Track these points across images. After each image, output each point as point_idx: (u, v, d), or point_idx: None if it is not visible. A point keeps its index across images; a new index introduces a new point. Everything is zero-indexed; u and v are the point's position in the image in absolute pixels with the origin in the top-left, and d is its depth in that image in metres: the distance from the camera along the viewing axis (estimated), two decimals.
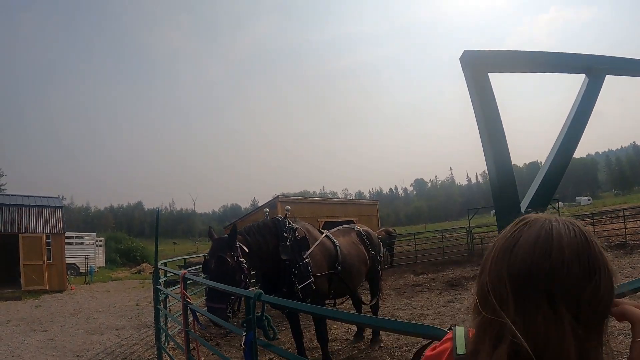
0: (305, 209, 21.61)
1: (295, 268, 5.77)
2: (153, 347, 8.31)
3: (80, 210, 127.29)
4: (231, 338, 8.82)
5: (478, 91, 1.45)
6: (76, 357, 8.30)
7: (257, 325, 2.72)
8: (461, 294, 11.88)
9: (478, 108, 1.44)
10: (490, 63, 1.57)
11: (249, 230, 5.77)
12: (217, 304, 4.90)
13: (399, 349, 7.21)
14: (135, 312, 13.62)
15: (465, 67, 1.49)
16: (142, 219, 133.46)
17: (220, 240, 5.36)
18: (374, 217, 29.34)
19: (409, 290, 13.75)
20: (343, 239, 7.02)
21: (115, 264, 39.97)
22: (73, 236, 31.41)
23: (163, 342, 7.20)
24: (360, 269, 7.12)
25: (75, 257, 29.04)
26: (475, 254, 21.64)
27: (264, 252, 5.69)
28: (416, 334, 1.67)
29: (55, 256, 21.24)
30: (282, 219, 6.15)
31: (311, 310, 2.81)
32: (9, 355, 8.46)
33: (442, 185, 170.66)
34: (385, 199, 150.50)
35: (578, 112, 1.64)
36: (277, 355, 7.46)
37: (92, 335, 10.30)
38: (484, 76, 1.49)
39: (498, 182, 1.37)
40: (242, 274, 5.23)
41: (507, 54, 1.69)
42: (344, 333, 8.62)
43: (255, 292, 2.75)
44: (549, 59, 1.76)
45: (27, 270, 19.99)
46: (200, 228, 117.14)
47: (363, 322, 2.87)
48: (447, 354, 1.28)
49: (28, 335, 10.43)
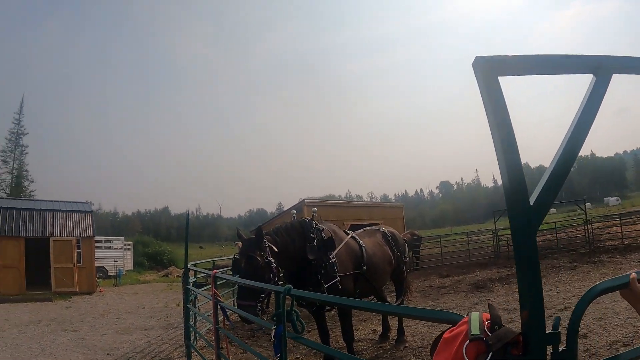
0: (330, 212, 21.66)
1: (322, 268, 5.88)
2: (181, 346, 8.48)
3: (108, 216, 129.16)
4: (258, 338, 8.96)
5: (489, 95, 1.53)
6: (106, 356, 8.49)
7: (287, 319, 2.83)
8: (487, 296, 11.83)
9: (490, 110, 1.52)
10: (500, 67, 1.64)
11: (277, 231, 5.91)
12: (247, 301, 5.04)
13: (423, 349, 7.24)
14: (164, 313, 13.86)
15: (477, 72, 1.57)
16: (169, 224, 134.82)
17: (249, 241, 5.51)
18: (399, 220, 29.23)
19: (434, 292, 13.72)
20: (368, 240, 7.10)
21: (143, 267, 40.55)
22: (102, 240, 32.01)
23: (192, 340, 7.36)
24: (385, 269, 7.18)
25: (104, 260, 29.57)
26: (502, 256, 21.49)
27: (291, 252, 5.82)
28: (435, 319, 1.77)
29: (85, 259, 21.73)
30: (309, 221, 6.28)
31: (339, 302, 2.91)
32: (40, 354, 8.69)
33: (468, 187, 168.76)
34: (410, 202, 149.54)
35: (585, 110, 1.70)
36: (303, 355, 7.62)
37: (122, 334, 10.52)
38: (495, 80, 1.57)
39: (509, 179, 1.45)
40: (271, 273, 5.37)
41: (516, 58, 1.75)
42: (369, 334, 8.69)
43: (286, 287, 2.86)
44: (556, 60, 1.82)
45: (58, 272, 20.50)
46: (227, 233, 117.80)
47: (386, 310, 2.97)
48: (463, 335, 1.39)
49: (59, 334, 10.67)
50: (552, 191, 1.53)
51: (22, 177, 60.51)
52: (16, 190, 56.25)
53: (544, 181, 1.54)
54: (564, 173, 1.57)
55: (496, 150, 1.52)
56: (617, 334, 6.51)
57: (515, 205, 1.46)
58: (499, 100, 1.56)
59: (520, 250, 1.44)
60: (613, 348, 5.87)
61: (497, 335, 1.36)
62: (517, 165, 1.49)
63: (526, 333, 1.41)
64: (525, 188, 1.48)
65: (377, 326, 8.82)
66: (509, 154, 1.50)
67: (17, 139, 61.59)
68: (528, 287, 1.42)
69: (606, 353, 5.75)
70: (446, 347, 1.42)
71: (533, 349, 1.39)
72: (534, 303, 1.41)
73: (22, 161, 61.55)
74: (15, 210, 21.58)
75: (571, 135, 1.64)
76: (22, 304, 16.64)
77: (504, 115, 1.54)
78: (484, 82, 1.56)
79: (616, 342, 6.17)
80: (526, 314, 1.42)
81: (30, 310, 15.19)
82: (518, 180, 1.48)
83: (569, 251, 19.15)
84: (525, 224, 1.45)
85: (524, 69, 1.89)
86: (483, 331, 1.37)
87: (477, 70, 1.58)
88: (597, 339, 6.41)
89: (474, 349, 1.34)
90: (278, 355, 2.87)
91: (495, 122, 1.53)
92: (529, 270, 1.42)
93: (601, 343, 6.19)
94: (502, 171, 1.50)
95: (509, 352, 1.35)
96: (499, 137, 1.51)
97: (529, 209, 1.47)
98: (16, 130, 61.80)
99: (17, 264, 20.02)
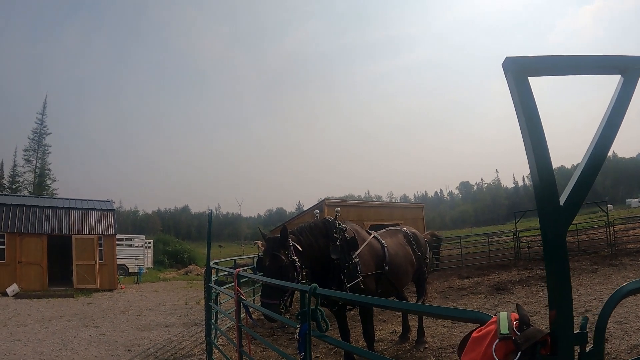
0: (351, 212, 21.64)
1: (345, 267, 5.89)
2: (202, 343, 8.55)
3: (129, 214, 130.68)
4: (277, 337, 9.00)
5: (520, 95, 1.53)
6: (127, 352, 8.59)
7: (312, 317, 2.84)
8: (507, 297, 11.72)
9: (520, 110, 1.52)
10: (530, 68, 1.64)
11: (301, 231, 5.93)
12: (271, 299, 5.06)
13: (443, 350, 7.21)
14: (184, 310, 13.98)
15: (507, 73, 1.57)
16: (189, 222, 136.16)
17: (274, 240, 5.52)
18: (419, 220, 29.12)
19: (454, 293, 13.63)
20: (390, 240, 7.09)
21: (163, 265, 40.93)
22: (123, 238, 32.39)
23: (213, 337, 7.42)
24: (407, 269, 7.16)
25: (125, 258, 29.93)
26: (522, 257, 21.25)
27: (315, 251, 5.83)
28: (463, 318, 1.76)
29: (106, 256, 22.04)
30: (332, 220, 6.29)
31: (365, 301, 2.91)
32: (62, 348, 8.80)
33: (488, 188, 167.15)
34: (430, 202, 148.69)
35: (613, 111, 1.70)
36: (323, 354, 7.64)
37: (143, 331, 10.64)
38: (525, 80, 1.57)
39: (539, 178, 1.44)
40: (295, 272, 5.39)
41: (545, 59, 1.75)
42: (389, 334, 8.67)
43: (312, 286, 2.87)
44: (585, 61, 1.81)
45: (80, 269, 20.87)
46: (246, 232, 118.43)
47: (412, 309, 2.97)
48: (492, 334, 1.39)
49: (80, 330, 10.83)
50: (582, 191, 1.53)
51: (44, 176, 61.77)
52: (39, 189, 57.37)
53: (574, 181, 1.54)
54: (594, 173, 1.56)
55: (526, 149, 1.52)
56: (639, 337, 6.41)
57: (545, 205, 1.45)
58: (529, 100, 1.55)
59: (550, 249, 1.44)
60: (634, 352, 5.78)
61: (526, 334, 1.36)
62: (548, 165, 1.49)
63: (554, 333, 1.40)
64: (556, 188, 1.48)
65: (397, 327, 8.80)
66: (539, 154, 1.49)
67: (40, 139, 62.96)
68: (557, 286, 1.41)
69: (627, 357, 5.68)
70: (475, 346, 1.42)
71: (561, 349, 1.38)
72: (562, 303, 1.40)
73: (44, 160, 62.97)
74: (39, 208, 22.00)
75: (600, 135, 1.64)
76: (44, 300, 16.93)
77: (534, 115, 1.54)
78: (515, 82, 1.56)
79: (637, 346, 6.08)
80: (554, 314, 1.41)
81: (52, 306, 15.45)
82: (548, 180, 1.47)
83: (590, 254, 18.86)
84: (555, 223, 1.44)
85: (553, 69, 1.88)
86: (512, 330, 1.37)
87: (507, 70, 1.58)
88: (618, 343, 6.31)
89: (503, 348, 1.34)
90: (302, 353, 2.88)
91: (525, 122, 1.52)
92: (559, 270, 1.42)
93: (622, 347, 6.10)
94: (532, 171, 1.50)
95: (538, 352, 1.35)
96: (529, 137, 1.50)
97: (559, 208, 1.47)
98: (39, 130, 63.21)
99: (39, 260, 20.41)
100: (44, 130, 63.66)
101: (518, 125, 1.56)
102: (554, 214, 1.45)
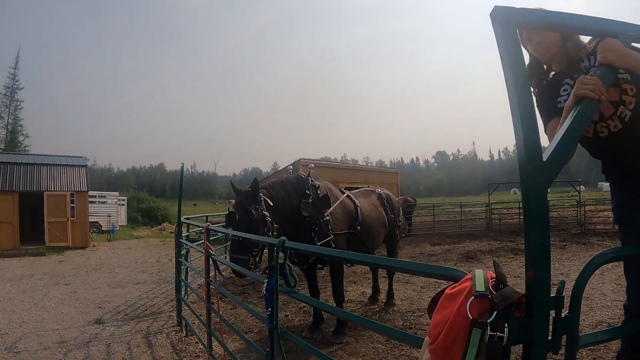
0: (326, 173, 21.55)
1: (316, 225, 5.85)
2: (172, 300, 8.53)
3: (103, 171, 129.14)
4: (248, 294, 9.01)
5: (507, 45, 1.46)
6: (98, 309, 8.52)
7: (280, 272, 2.78)
8: (476, 266, 11.90)
9: (506, 61, 1.45)
10: (520, 19, 1.57)
11: (273, 185, 5.84)
12: (240, 255, 4.99)
13: (411, 313, 7.31)
14: (156, 268, 13.91)
15: (495, 22, 1.49)
16: (164, 181, 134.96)
17: (245, 193, 5.42)
18: (394, 186, 29.32)
19: (425, 259, 13.84)
20: (364, 200, 7.06)
21: (137, 222, 40.51)
22: (96, 195, 31.84)
23: (183, 294, 7.38)
24: (379, 230, 7.16)
25: (98, 215, 29.52)
26: (493, 229, 21.63)
27: (286, 207, 5.77)
28: (436, 275, 1.71)
29: (78, 214, 21.63)
30: (305, 177, 6.21)
31: (332, 254, 2.86)
32: (33, 307, 8.71)
33: (464, 159, 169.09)
34: (406, 169, 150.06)
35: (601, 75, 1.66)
36: (292, 313, 7.68)
37: (114, 288, 10.57)
38: (513, 31, 1.50)
39: (523, 132, 1.38)
40: (266, 227, 5.32)
41: (538, 13, 1.68)
42: (359, 295, 8.76)
43: (280, 239, 2.80)
44: (578, 20, 1.75)
45: (51, 227, 20.45)
46: (221, 191, 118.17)
47: (384, 264, 2.92)
48: (467, 291, 1.33)
49: (52, 288, 10.71)
50: (566, 147, 1.47)
51: (17, 132, 60.19)
52: (11, 146, 55.92)
53: (559, 137, 1.48)
54: (579, 129, 1.51)
55: (510, 102, 1.45)
56: (603, 314, 6.57)
57: (527, 160, 1.39)
58: (517, 51, 1.48)
59: (530, 207, 1.38)
60: (598, 328, 5.91)
61: (502, 293, 1.30)
62: (532, 119, 1.42)
63: (530, 294, 1.35)
64: (539, 143, 1.41)
65: (367, 288, 8.89)
66: (523, 107, 1.42)
67: (12, 94, 60.96)
68: (535, 246, 1.36)
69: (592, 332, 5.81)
70: (448, 302, 1.37)
71: (537, 312, 1.33)
72: (540, 263, 1.35)
73: (17, 116, 61.10)
74: (9, 164, 21.32)
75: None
76: (16, 259, 16.65)
77: (520, 67, 1.47)
78: (502, 32, 1.49)
79: (601, 322, 6.24)
80: (531, 274, 1.36)
81: (24, 264, 15.21)
82: (531, 134, 1.41)
83: (560, 230, 19.22)
84: (537, 179, 1.38)
85: (544, 24, 1.81)
86: (488, 289, 1.31)
87: (495, 20, 1.50)
88: (583, 318, 6.45)
89: (478, 306, 1.29)
90: (269, 309, 2.83)
91: (511, 73, 1.45)
92: (538, 228, 1.36)
93: (587, 322, 6.24)
94: (515, 125, 1.43)
95: (512, 313, 1.30)
96: (514, 89, 1.43)
97: (542, 164, 1.40)
98: (11, 85, 61.11)
99: (10, 219, 19.91)
100: (17, 85, 61.70)
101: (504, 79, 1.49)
102: (536, 169, 1.38)
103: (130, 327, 7.27)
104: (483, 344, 1.25)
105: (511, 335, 1.27)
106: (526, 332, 1.34)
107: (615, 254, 1.55)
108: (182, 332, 6.85)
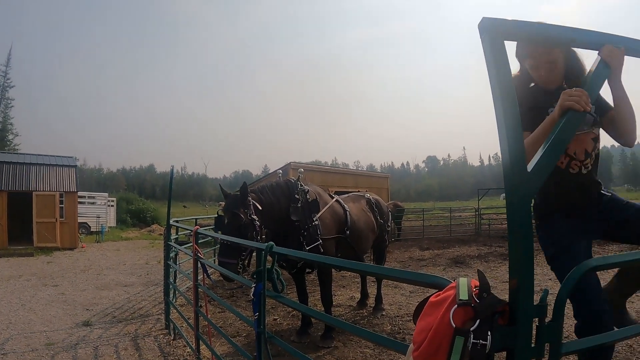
0: (316, 177, 21.55)
1: (305, 230, 5.86)
2: (161, 303, 8.49)
3: (92, 172, 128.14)
4: (237, 298, 8.99)
5: (494, 57, 1.48)
6: (85, 311, 8.47)
7: (267, 277, 2.78)
8: (465, 271, 11.97)
9: (493, 73, 1.47)
10: (508, 31, 1.59)
11: (262, 189, 5.84)
12: (228, 258, 5.00)
13: (400, 318, 7.33)
14: (145, 270, 13.85)
15: (483, 34, 1.51)
16: (154, 182, 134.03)
17: (234, 197, 5.42)
18: (384, 190, 29.33)
19: (413, 264, 13.84)
20: (353, 205, 7.08)
21: (126, 224, 40.25)
22: (85, 196, 31.65)
23: (171, 297, 7.35)
24: (368, 235, 7.18)
25: (87, 216, 29.29)
26: (482, 234, 21.71)
27: (275, 211, 5.76)
28: (421, 282, 1.73)
29: (67, 214, 21.45)
30: (294, 181, 6.22)
31: (321, 260, 2.86)
32: (20, 308, 8.64)
33: (454, 164, 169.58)
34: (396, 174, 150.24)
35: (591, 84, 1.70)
36: (281, 317, 7.67)
37: (102, 290, 10.50)
38: (501, 43, 1.52)
39: (508, 143, 1.40)
40: (254, 231, 5.32)
41: (525, 24, 1.71)
42: (347, 300, 8.76)
43: (268, 244, 2.80)
44: (565, 32, 1.78)
45: (40, 227, 20.29)
46: (211, 193, 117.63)
47: (370, 271, 2.95)
48: (450, 300, 1.35)
49: (39, 289, 10.62)
50: (551, 158, 1.50)
51: (6, 131, 59.52)
52: (0, 144, 55.33)
53: (545, 147, 1.50)
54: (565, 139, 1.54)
55: (496, 113, 1.47)
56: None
57: (512, 170, 1.41)
58: (503, 64, 1.51)
59: (514, 216, 1.40)
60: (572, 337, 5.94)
61: (486, 302, 1.32)
62: (517, 130, 1.45)
63: (514, 302, 1.38)
64: (524, 154, 1.44)
65: (356, 293, 8.90)
66: (510, 119, 1.45)
67: (2, 92, 60.37)
68: (519, 254, 1.38)
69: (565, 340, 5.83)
70: (432, 310, 1.39)
71: (520, 320, 1.36)
72: (524, 272, 1.38)
73: (7, 114, 60.44)
74: None
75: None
76: (3, 259, 16.48)
77: (507, 79, 1.49)
78: (490, 44, 1.51)
79: None
80: (515, 283, 1.38)
81: (11, 265, 15.08)
82: (517, 145, 1.43)
83: None
84: (521, 189, 1.40)
85: (531, 36, 1.84)
86: (471, 297, 1.33)
87: (483, 31, 1.53)
88: (570, 324, 6.48)
89: (461, 314, 1.30)
90: (257, 313, 2.83)
91: (498, 85, 1.48)
92: (522, 238, 1.38)
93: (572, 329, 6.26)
94: (501, 136, 1.46)
95: (496, 322, 1.32)
96: (500, 101, 1.46)
97: (526, 174, 1.43)
98: (2, 83, 60.47)
99: None
100: (7, 83, 61.09)
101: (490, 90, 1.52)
102: (520, 179, 1.41)
103: (118, 329, 7.24)
104: (466, 351, 1.27)
105: (494, 343, 1.29)
106: (509, 339, 1.36)
107: (599, 263, 1.57)
108: (170, 335, 6.82)
